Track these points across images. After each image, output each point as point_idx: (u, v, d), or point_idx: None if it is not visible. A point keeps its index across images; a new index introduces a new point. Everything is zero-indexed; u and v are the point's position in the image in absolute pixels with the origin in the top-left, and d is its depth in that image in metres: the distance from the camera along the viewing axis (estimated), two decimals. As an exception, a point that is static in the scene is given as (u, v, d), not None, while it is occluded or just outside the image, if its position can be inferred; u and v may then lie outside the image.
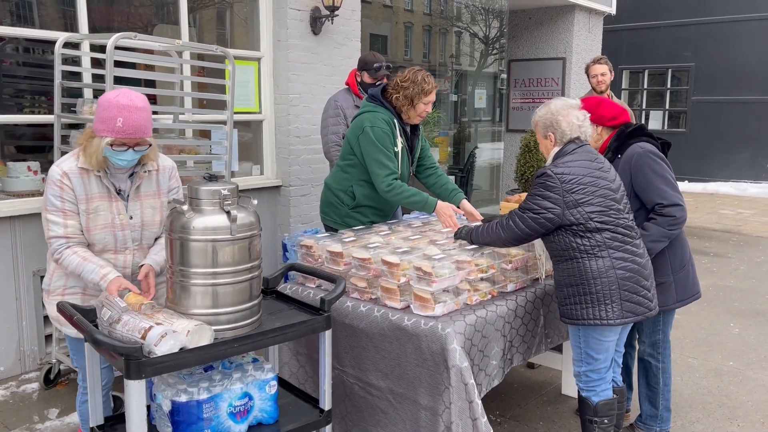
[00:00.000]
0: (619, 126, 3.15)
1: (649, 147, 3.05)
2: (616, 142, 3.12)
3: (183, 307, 2.26)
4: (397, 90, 3.43)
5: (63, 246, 2.45)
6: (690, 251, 3.20)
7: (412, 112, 3.47)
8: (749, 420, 3.61)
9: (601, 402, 2.87)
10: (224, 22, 5.75)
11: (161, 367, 2.02)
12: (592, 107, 3.12)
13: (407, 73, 3.44)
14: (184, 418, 2.24)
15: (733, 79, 14.09)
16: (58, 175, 2.44)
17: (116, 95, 2.40)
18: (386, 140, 3.42)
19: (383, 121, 3.43)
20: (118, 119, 2.35)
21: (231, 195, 2.27)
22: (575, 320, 2.79)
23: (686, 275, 3.13)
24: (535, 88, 9.89)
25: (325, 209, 3.76)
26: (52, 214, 2.45)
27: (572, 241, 2.73)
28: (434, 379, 2.62)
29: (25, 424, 3.44)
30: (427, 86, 3.41)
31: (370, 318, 2.82)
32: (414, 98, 3.41)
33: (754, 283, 6.46)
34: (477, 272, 2.86)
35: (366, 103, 3.57)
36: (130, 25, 4.92)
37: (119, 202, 2.54)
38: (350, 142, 3.55)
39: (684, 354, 4.55)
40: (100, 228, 2.50)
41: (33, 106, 4.65)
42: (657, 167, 3.00)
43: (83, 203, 2.47)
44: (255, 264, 2.34)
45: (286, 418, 2.47)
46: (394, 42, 12.51)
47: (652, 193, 2.99)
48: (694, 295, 3.17)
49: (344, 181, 3.62)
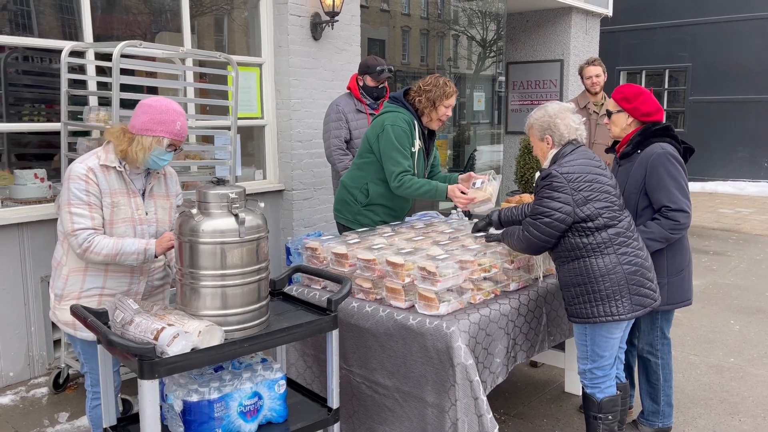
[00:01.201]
0: (650, 123, 3.14)
1: (670, 149, 3.06)
2: (639, 137, 3.11)
3: (193, 308, 2.31)
4: (419, 93, 3.59)
5: (92, 235, 2.51)
6: (690, 258, 3.22)
7: (434, 114, 3.61)
8: (750, 415, 3.66)
9: (605, 399, 2.91)
10: (225, 29, 5.80)
11: (174, 367, 2.06)
12: (631, 96, 3.12)
13: (429, 78, 3.63)
14: (196, 418, 2.28)
15: (730, 78, 14.17)
16: (83, 170, 2.51)
17: (167, 101, 2.58)
18: (405, 140, 3.55)
19: (404, 121, 3.57)
20: (177, 122, 2.54)
21: (239, 198, 2.32)
22: (586, 319, 2.83)
23: (681, 281, 3.15)
24: (533, 90, 9.94)
25: (339, 207, 3.88)
26: (78, 207, 2.50)
27: (578, 242, 2.78)
28: (440, 377, 2.67)
29: (35, 428, 3.49)
30: (449, 89, 3.57)
31: (376, 318, 2.86)
32: (436, 101, 3.56)
33: (754, 280, 6.51)
34: (480, 272, 2.91)
35: (388, 105, 3.71)
36: (132, 33, 4.98)
37: (137, 198, 2.65)
38: (369, 140, 3.68)
39: (685, 351, 4.59)
40: (121, 221, 2.60)
41: (38, 115, 4.70)
42: (672, 170, 3.01)
43: (107, 197, 2.56)
44: (263, 266, 2.38)
45: (295, 417, 2.51)
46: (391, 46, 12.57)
47: (661, 195, 3.01)
48: (684, 300, 3.18)
49: (359, 179, 3.74)
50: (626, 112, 3.13)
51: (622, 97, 3.15)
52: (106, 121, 3.60)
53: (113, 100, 3.32)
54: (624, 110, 3.13)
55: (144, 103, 2.58)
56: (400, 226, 3.66)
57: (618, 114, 3.16)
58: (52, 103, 4.66)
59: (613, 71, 15.64)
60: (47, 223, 4.01)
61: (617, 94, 3.18)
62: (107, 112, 3.62)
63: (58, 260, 2.66)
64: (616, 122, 3.18)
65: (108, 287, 2.65)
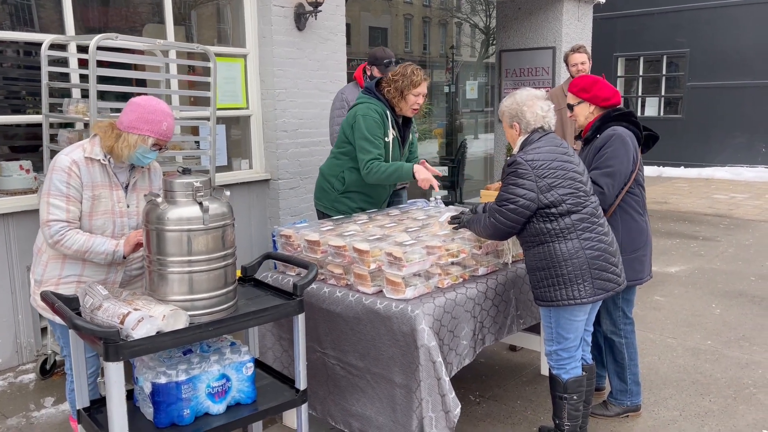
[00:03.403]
0: (609, 107, 3.25)
1: (621, 131, 3.15)
2: (599, 122, 3.23)
3: (161, 294, 2.38)
4: (388, 83, 3.67)
5: (65, 228, 2.58)
6: (649, 240, 3.30)
7: (404, 104, 3.68)
8: (721, 395, 3.73)
9: (570, 379, 2.99)
10: (210, 21, 5.85)
11: (138, 350, 2.14)
12: (587, 86, 3.25)
13: (399, 67, 3.69)
14: (164, 399, 2.35)
15: (728, 64, 14.12)
16: (67, 163, 2.58)
17: (156, 101, 2.64)
18: (376, 129, 3.61)
19: (375, 111, 3.64)
20: (164, 123, 2.61)
21: (204, 187, 2.38)
22: (549, 302, 2.90)
23: (634, 260, 3.23)
24: (526, 78, 9.94)
25: (318, 194, 4.00)
26: (56, 198, 2.57)
27: (542, 227, 2.84)
28: (406, 359, 2.74)
29: (21, 412, 3.59)
30: (416, 78, 3.61)
31: (346, 302, 2.94)
32: (404, 90, 3.62)
33: (740, 265, 6.56)
34: (447, 257, 2.98)
35: (361, 96, 3.79)
36: (116, 26, 5.04)
37: (119, 191, 2.72)
38: (345, 130, 3.78)
39: (664, 335, 4.66)
40: (101, 214, 2.67)
41: (24, 107, 4.77)
42: (613, 150, 3.11)
43: (89, 190, 2.63)
44: (229, 252, 2.45)
45: (263, 399, 2.59)
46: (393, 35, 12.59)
47: (595, 168, 3.13)
48: (636, 279, 3.27)
49: (336, 167, 3.85)
50: (587, 102, 3.26)
51: (580, 89, 3.28)
52: (84, 113, 3.67)
53: (90, 92, 3.39)
54: (584, 100, 3.27)
55: (134, 101, 2.64)
56: (376, 213, 3.73)
57: (579, 105, 3.30)
58: (35, 96, 4.73)
59: (611, 58, 15.61)
60: (33, 213, 4.09)
61: (573, 87, 3.32)
62: (86, 104, 3.69)
63: (39, 247, 2.74)
64: (578, 113, 3.31)
65: (86, 275, 2.73)
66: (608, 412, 3.46)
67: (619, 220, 3.21)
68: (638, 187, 3.24)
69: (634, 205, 3.23)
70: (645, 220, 3.27)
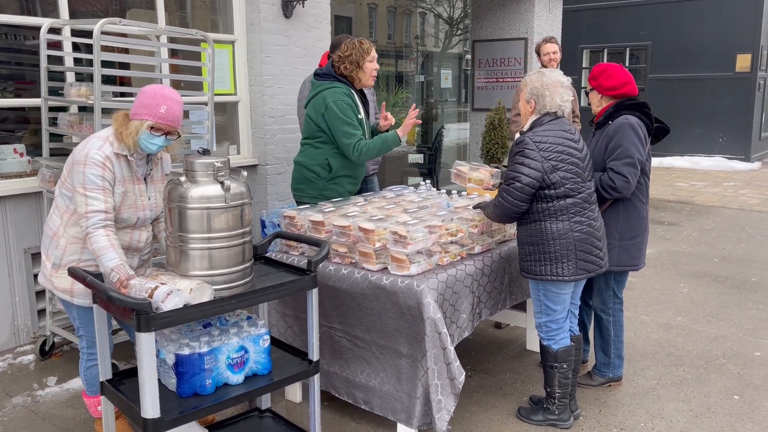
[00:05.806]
0: (619, 96, 3.37)
1: (633, 120, 3.27)
2: (612, 109, 3.36)
3: (182, 269, 2.49)
4: (342, 60, 3.73)
5: (101, 222, 2.60)
6: (646, 228, 3.47)
7: (362, 74, 3.76)
8: (694, 366, 4.00)
9: (560, 349, 3.19)
10: (199, 7, 5.88)
11: (168, 321, 2.25)
12: (596, 74, 3.39)
13: (343, 45, 3.77)
14: (188, 369, 2.47)
15: (687, 56, 14.65)
16: (101, 158, 2.63)
17: (161, 87, 2.69)
18: (349, 111, 3.68)
19: (343, 94, 3.70)
20: (162, 107, 2.63)
21: (224, 167, 2.50)
22: (534, 275, 3.11)
23: (632, 246, 3.41)
24: (498, 68, 10.17)
25: (300, 186, 3.94)
26: (93, 191, 2.61)
27: (537, 206, 3.04)
28: (412, 330, 2.91)
29: (25, 391, 3.64)
30: (366, 45, 3.74)
31: (351, 279, 3.09)
32: (359, 60, 3.71)
33: (704, 248, 6.92)
34: (447, 236, 3.15)
35: (319, 83, 3.80)
36: (106, 10, 5.04)
37: (142, 185, 2.81)
38: (314, 119, 3.77)
39: (638, 312, 4.94)
40: (126, 207, 2.75)
41: (13, 90, 4.74)
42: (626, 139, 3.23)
43: (120, 185, 2.71)
44: (247, 230, 2.57)
45: (278, 370, 2.72)
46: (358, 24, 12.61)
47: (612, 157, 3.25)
48: (632, 265, 3.45)
49: (318, 156, 3.82)
50: (594, 90, 3.42)
51: (591, 76, 3.45)
52: (87, 96, 3.70)
53: (95, 76, 3.43)
54: (593, 88, 3.42)
55: (141, 89, 2.71)
56: (372, 196, 3.87)
57: (591, 92, 3.46)
58: (21, 79, 4.71)
59: (577, 49, 15.99)
60: (29, 196, 4.11)
61: (590, 74, 3.46)
62: (89, 88, 3.72)
63: (55, 230, 2.78)
64: (591, 99, 3.48)
65: None
66: (593, 382, 3.69)
67: (621, 206, 3.37)
68: (644, 176, 3.37)
69: (638, 194, 3.37)
70: (646, 208, 3.44)
